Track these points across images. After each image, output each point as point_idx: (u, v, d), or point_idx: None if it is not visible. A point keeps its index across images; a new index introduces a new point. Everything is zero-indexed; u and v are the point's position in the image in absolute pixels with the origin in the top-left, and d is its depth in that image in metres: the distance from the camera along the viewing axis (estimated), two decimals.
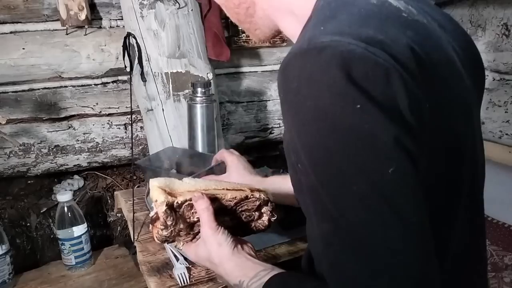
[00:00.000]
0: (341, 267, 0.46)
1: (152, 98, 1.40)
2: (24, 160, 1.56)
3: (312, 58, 0.44)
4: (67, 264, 1.31)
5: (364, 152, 0.43)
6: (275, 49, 1.87)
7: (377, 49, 0.43)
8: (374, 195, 0.43)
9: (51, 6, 1.46)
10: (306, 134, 0.46)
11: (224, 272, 0.68)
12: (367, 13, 0.48)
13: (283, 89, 0.48)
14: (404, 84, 0.43)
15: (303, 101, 0.45)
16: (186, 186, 0.71)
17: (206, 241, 0.68)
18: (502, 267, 1.68)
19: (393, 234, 0.43)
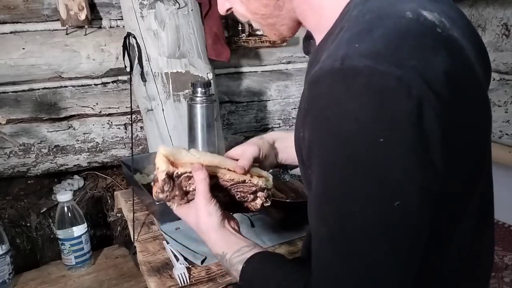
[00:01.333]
0: (327, 268, 0.49)
1: (152, 98, 1.40)
2: (24, 160, 1.56)
3: (344, 81, 0.44)
4: (67, 264, 1.31)
5: (375, 183, 0.45)
6: (275, 49, 1.87)
7: (411, 76, 0.43)
8: (374, 222, 0.45)
9: (51, 6, 1.46)
10: (325, 151, 0.47)
11: (208, 241, 0.72)
12: (402, 30, 0.47)
13: (309, 102, 0.48)
14: (436, 115, 0.44)
15: (327, 121, 0.46)
16: (191, 158, 0.75)
17: (197, 209, 0.71)
18: (502, 267, 1.68)
19: (381, 260, 0.46)
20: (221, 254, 0.69)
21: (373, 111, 0.43)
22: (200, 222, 0.71)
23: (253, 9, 0.63)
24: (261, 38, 1.72)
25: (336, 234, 0.48)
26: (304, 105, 0.49)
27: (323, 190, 0.49)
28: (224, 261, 0.69)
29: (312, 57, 0.64)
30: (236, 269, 0.66)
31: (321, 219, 0.50)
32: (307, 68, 0.68)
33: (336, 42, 0.49)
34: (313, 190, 0.51)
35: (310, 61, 0.65)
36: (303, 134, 0.51)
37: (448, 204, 0.51)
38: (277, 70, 1.94)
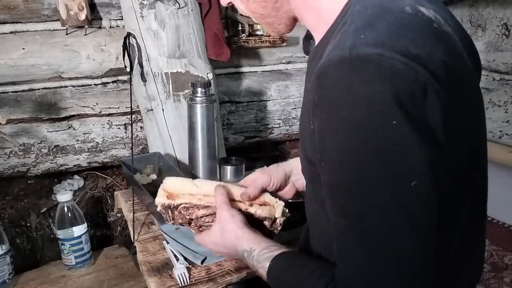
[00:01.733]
0: (351, 258, 0.51)
1: (152, 98, 1.40)
2: (24, 160, 1.56)
3: (354, 69, 0.46)
4: (67, 264, 1.31)
5: (392, 165, 0.46)
6: (275, 49, 1.87)
7: (416, 64, 0.46)
8: (393, 203, 0.47)
9: (51, 6, 1.46)
10: (338, 139, 0.48)
11: (235, 237, 0.74)
12: (403, 23, 0.49)
13: (319, 94, 0.49)
14: (439, 100, 0.47)
15: (339, 109, 0.47)
16: (190, 189, 0.82)
17: (220, 216, 0.76)
18: (502, 267, 1.68)
19: (402, 240, 0.48)
20: (249, 250, 0.71)
21: (385, 95, 0.45)
22: (225, 226, 0.75)
23: (252, 8, 0.65)
24: (261, 38, 1.72)
25: (355, 222, 0.49)
26: (313, 97, 0.50)
27: (338, 179, 0.50)
28: (251, 257, 0.70)
29: (312, 55, 0.65)
30: (263, 266, 0.68)
31: (338, 210, 0.51)
32: (308, 66, 0.69)
33: (341, 35, 0.51)
34: (327, 183, 0.52)
35: (310, 59, 0.66)
36: (313, 127, 0.52)
37: (451, 186, 0.53)
38: (277, 70, 1.94)
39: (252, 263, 0.70)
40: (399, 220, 0.47)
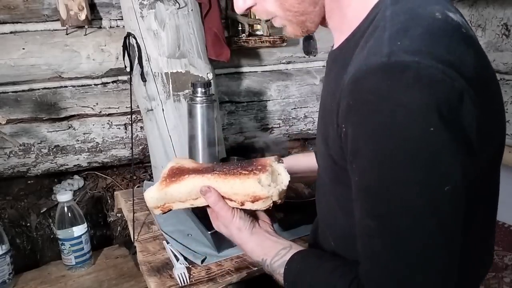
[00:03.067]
0: (380, 259, 0.52)
1: (152, 98, 1.40)
2: (24, 160, 1.56)
3: (392, 76, 0.47)
4: (67, 264, 1.31)
5: (427, 170, 0.48)
6: (275, 49, 1.87)
7: (452, 71, 0.47)
8: (425, 207, 0.48)
9: (51, 6, 1.46)
10: (374, 144, 0.49)
11: (246, 250, 0.75)
12: (436, 29, 0.50)
13: (354, 99, 0.50)
14: (474, 106, 0.48)
15: (376, 115, 0.48)
16: (178, 196, 0.76)
17: (226, 225, 0.75)
18: (502, 267, 1.68)
19: (432, 243, 0.49)
20: (261, 261, 0.72)
21: (424, 102, 0.46)
22: (233, 237, 0.76)
23: (287, 6, 0.62)
24: (261, 38, 1.72)
25: (386, 224, 0.50)
26: (348, 102, 0.51)
27: (371, 182, 0.51)
28: (266, 266, 0.71)
29: (333, 56, 0.65)
30: (279, 273, 0.68)
31: (368, 212, 0.52)
32: (328, 65, 0.68)
33: (375, 40, 0.51)
34: (358, 184, 0.53)
35: (332, 59, 0.66)
36: (345, 130, 0.52)
37: (476, 187, 0.55)
38: (277, 70, 1.94)
39: (268, 270, 0.72)
40: (429, 224, 0.49)
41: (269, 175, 0.73)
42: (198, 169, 0.78)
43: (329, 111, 0.59)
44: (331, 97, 0.59)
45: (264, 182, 0.71)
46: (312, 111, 2.02)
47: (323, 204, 0.75)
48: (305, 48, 0.81)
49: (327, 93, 0.64)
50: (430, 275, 0.50)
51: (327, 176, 0.67)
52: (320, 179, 0.76)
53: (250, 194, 0.72)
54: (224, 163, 0.83)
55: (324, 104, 0.65)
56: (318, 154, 0.75)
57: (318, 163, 0.78)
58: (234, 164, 0.78)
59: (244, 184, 0.72)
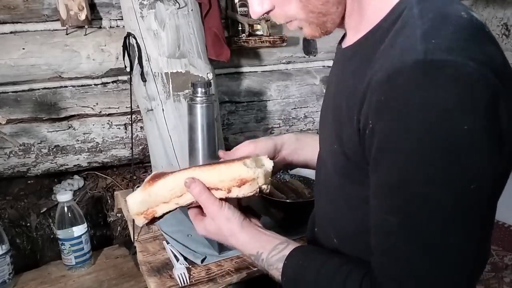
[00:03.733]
0: (400, 256, 0.52)
1: (152, 98, 1.40)
2: (24, 160, 1.56)
3: (429, 74, 0.47)
4: (67, 264, 1.31)
5: (458, 168, 0.48)
6: (275, 49, 1.87)
7: (487, 70, 0.47)
8: (451, 205, 0.49)
9: (51, 6, 1.46)
10: (406, 141, 0.49)
11: (237, 243, 0.71)
12: (466, 28, 0.51)
13: (389, 94, 0.50)
14: (506, 103, 0.49)
15: (411, 112, 0.48)
16: (162, 196, 0.73)
17: (213, 218, 0.71)
18: (502, 267, 1.68)
19: (455, 240, 0.50)
20: (256, 254, 0.69)
21: (459, 100, 0.46)
22: (221, 229, 0.71)
23: (311, 8, 0.62)
24: (261, 38, 1.72)
25: (410, 221, 0.50)
26: (380, 97, 0.50)
27: (398, 178, 0.51)
28: (260, 261, 0.69)
29: (351, 52, 0.64)
30: (276, 268, 0.66)
31: (390, 208, 0.52)
32: (346, 61, 0.66)
33: (407, 37, 0.51)
34: (380, 181, 0.53)
35: (348, 55, 0.64)
36: (372, 126, 0.52)
37: (495, 187, 0.55)
38: (277, 70, 1.94)
39: (262, 265, 0.69)
40: (454, 222, 0.49)
41: (253, 161, 0.73)
42: (183, 169, 0.76)
43: (346, 107, 0.59)
44: (349, 94, 0.59)
45: (249, 165, 0.71)
46: (312, 111, 2.02)
47: (326, 201, 0.74)
48: (305, 48, 0.82)
49: (341, 90, 0.63)
50: (450, 272, 0.50)
51: (336, 173, 0.66)
52: (322, 176, 0.76)
53: (236, 178, 0.71)
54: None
55: (336, 102, 0.64)
56: (323, 152, 0.74)
57: (320, 160, 0.78)
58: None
59: (229, 168, 0.71)
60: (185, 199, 0.73)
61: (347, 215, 0.67)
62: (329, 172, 0.70)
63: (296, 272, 0.65)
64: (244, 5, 1.73)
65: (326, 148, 0.71)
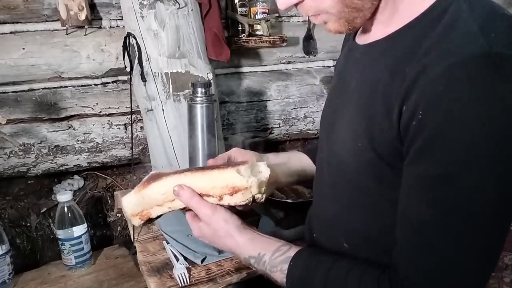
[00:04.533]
0: (435, 250, 0.51)
1: (152, 98, 1.40)
2: (24, 160, 1.56)
3: (494, 67, 0.48)
4: (67, 264, 1.31)
5: (509, 164, 0.48)
6: (275, 49, 1.87)
7: None
8: (495, 203, 0.49)
9: (51, 6, 1.46)
10: (465, 131, 0.49)
11: (234, 245, 0.69)
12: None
13: (448, 85, 0.49)
14: None
15: (473, 102, 0.48)
16: (156, 198, 0.72)
17: (209, 222, 0.69)
18: (502, 267, 1.68)
19: (492, 240, 0.51)
20: (257, 256, 0.67)
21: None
22: (218, 232, 0.69)
23: (348, 2, 0.60)
24: (261, 38, 1.72)
25: (450, 217, 0.50)
26: (437, 89, 0.50)
27: (447, 170, 0.50)
28: (262, 263, 0.66)
29: (386, 44, 0.62)
30: (280, 270, 0.64)
31: (430, 202, 0.52)
32: (377, 55, 0.64)
33: (463, 31, 0.52)
34: (422, 174, 0.52)
35: (380, 49, 0.63)
36: (422, 117, 0.51)
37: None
38: (277, 70, 1.94)
39: (263, 268, 0.67)
40: (495, 220, 0.50)
41: (249, 168, 0.69)
42: (178, 172, 0.73)
43: (382, 103, 0.58)
44: (385, 89, 0.58)
45: (243, 173, 0.68)
46: (312, 111, 2.02)
47: (335, 204, 0.71)
48: (305, 48, 0.81)
49: (371, 87, 0.61)
50: (482, 269, 0.51)
51: (360, 173, 0.64)
52: (327, 178, 0.73)
53: (228, 186, 0.67)
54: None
55: (364, 98, 0.62)
56: (331, 153, 0.71)
57: (323, 161, 0.76)
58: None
59: (222, 175, 0.68)
60: (178, 203, 0.71)
61: (367, 217, 0.65)
62: (341, 172, 0.68)
63: (303, 273, 0.63)
64: (244, 5, 1.73)
65: (342, 148, 0.68)
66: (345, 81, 0.70)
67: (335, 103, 0.73)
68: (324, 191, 0.76)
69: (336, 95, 0.74)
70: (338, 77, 0.76)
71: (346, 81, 0.70)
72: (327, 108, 0.78)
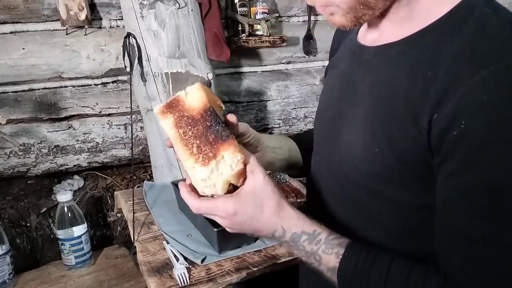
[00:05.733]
0: (488, 264, 0.50)
1: (152, 98, 1.40)
2: (24, 160, 1.56)
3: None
4: (67, 264, 1.31)
5: None
6: (275, 49, 1.87)
7: None
8: None
9: (51, 6, 1.46)
10: (507, 141, 0.48)
11: (284, 218, 0.62)
12: None
13: (492, 93, 0.49)
14: None
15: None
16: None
17: (254, 190, 0.61)
18: None
19: None
20: (311, 233, 0.62)
21: None
22: (264, 200, 0.61)
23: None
24: (261, 38, 1.72)
25: (503, 227, 0.49)
26: (481, 97, 0.49)
27: (493, 182, 0.49)
28: (316, 241, 0.61)
29: (406, 46, 0.60)
30: (336, 253, 0.60)
31: (479, 213, 0.50)
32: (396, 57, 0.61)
33: (495, 37, 0.52)
34: (467, 185, 0.51)
35: (399, 51, 0.61)
36: (464, 126, 0.50)
37: None
38: (277, 70, 1.94)
39: (314, 247, 0.61)
40: None
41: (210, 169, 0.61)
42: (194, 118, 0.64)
43: (405, 107, 0.56)
44: (406, 93, 0.56)
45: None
46: (312, 111, 2.02)
47: (339, 211, 0.69)
48: (305, 48, 0.80)
49: (388, 90, 0.59)
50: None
51: (373, 179, 0.61)
52: (334, 183, 0.70)
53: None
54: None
55: (381, 102, 0.60)
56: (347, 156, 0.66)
57: (320, 168, 0.74)
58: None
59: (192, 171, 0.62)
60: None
61: (377, 222, 0.63)
62: (349, 178, 0.65)
63: (359, 265, 0.58)
64: (244, 5, 1.73)
65: (351, 153, 0.65)
66: (352, 84, 0.68)
67: (339, 105, 0.70)
68: (323, 196, 0.74)
69: (340, 98, 0.71)
70: (340, 80, 0.74)
71: (354, 84, 0.67)
72: (326, 110, 0.75)
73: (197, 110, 0.65)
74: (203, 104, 0.65)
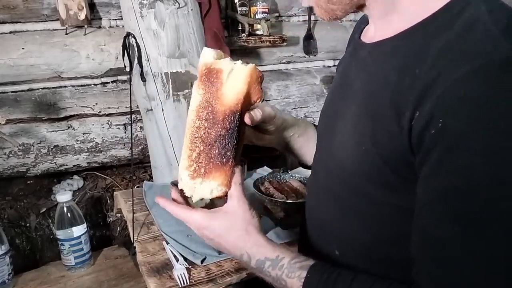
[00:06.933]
0: (458, 267, 0.48)
1: (152, 98, 1.40)
2: (24, 160, 1.56)
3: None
4: (67, 265, 1.30)
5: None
6: (275, 49, 1.87)
7: None
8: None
9: (50, 6, 1.46)
10: (487, 138, 0.46)
11: (252, 242, 0.66)
12: None
13: (471, 91, 0.47)
14: None
15: (500, 109, 0.46)
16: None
17: (236, 212, 0.66)
18: None
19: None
20: (274, 258, 0.63)
21: None
22: (234, 225, 0.66)
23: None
24: (261, 38, 1.72)
25: (474, 231, 0.47)
26: (465, 93, 0.47)
27: (467, 183, 0.47)
28: (279, 266, 0.63)
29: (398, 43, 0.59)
30: (298, 276, 0.60)
31: (452, 216, 0.48)
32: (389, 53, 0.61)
33: (483, 35, 0.49)
34: (441, 186, 0.49)
35: (391, 47, 0.60)
36: (442, 125, 0.48)
37: None
38: (277, 70, 1.94)
39: (278, 272, 0.63)
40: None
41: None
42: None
43: (389, 105, 0.54)
44: (393, 91, 0.55)
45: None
46: (312, 111, 2.01)
47: (329, 208, 0.69)
48: (305, 48, 0.80)
49: (377, 87, 0.59)
50: (510, 283, 0.47)
51: (360, 177, 0.61)
52: (323, 181, 0.71)
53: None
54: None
55: (369, 100, 0.60)
56: (339, 154, 0.67)
57: (319, 164, 0.74)
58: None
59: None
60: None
61: (363, 224, 0.62)
62: (340, 176, 0.65)
63: (321, 284, 0.59)
64: (244, 4, 1.72)
65: (342, 151, 0.65)
66: (348, 81, 0.67)
67: (337, 103, 0.70)
68: (319, 195, 0.74)
69: (338, 95, 0.71)
70: (340, 76, 0.73)
71: (350, 81, 0.67)
72: (327, 108, 0.75)
73: (224, 107, 0.67)
74: (236, 100, 0.66)
